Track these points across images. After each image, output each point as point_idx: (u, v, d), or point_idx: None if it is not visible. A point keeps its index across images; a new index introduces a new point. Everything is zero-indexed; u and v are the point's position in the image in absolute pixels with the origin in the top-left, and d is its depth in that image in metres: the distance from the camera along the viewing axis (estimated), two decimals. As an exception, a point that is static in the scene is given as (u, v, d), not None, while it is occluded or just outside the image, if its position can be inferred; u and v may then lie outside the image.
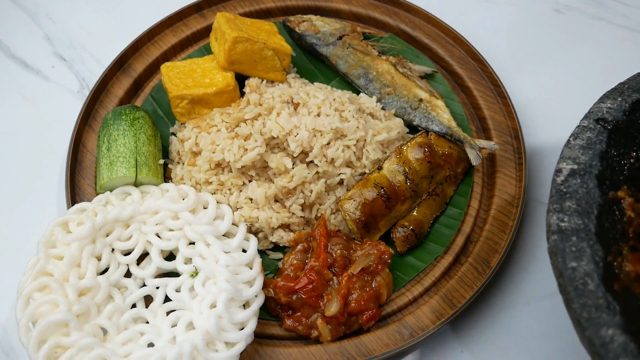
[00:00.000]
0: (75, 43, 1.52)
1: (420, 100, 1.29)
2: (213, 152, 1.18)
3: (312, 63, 1.41)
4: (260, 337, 1.09)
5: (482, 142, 1.22)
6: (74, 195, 1.22)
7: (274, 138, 1.17)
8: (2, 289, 1.18)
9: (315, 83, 1.33)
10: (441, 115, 1.26)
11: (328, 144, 1.17)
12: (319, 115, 1.19)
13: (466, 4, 1.58)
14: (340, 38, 1.38)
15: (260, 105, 1.21)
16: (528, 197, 1.26)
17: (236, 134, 1.18)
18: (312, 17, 1.42)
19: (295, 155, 1.16)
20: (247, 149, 1.16)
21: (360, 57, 1.35)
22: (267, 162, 1.17)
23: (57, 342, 0.98)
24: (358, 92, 1.34)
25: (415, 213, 1.19)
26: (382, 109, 1.30)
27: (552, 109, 1.39)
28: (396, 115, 1.30)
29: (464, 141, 1.23)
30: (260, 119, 1.19)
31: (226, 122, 1.20)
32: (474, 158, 1.21)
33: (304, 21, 1.40)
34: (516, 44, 1.50)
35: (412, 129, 1.30)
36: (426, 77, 1.36)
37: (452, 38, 1.40)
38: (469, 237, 1.19)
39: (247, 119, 1.19)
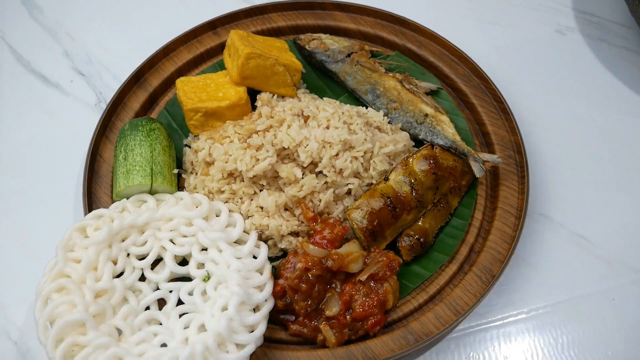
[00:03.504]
0: (93, 59, 1.57)
1: (426, 115, 1.32)
2: (226, 162, 1.21)
3: (321, 79, 1.46)
4: (269, 341, 1.12)
5: (486, 156, 1.26)
6: (91, 203, 1.25)
7: (284, 149, 1.21)
8: (19, 293, 1.21)
9: (324, 98, 1.37)
10: (446, 129, 1.30)
11: (337, 155, 1.21)
12: (328, 127, 1.23)
13: (471, 24, 1.63)
14: (348, 55, 1.42)
15: (272, 117, 1.25)
16: (530, 209, 1.30)
17: (248, 144, 1.21)
18: (322, 35, 1.46)
19: (305, 165, 1.20)
20: (258, 159, 1.20)
21: (368, 74, 1.39)
22: (277, 172, 1.21)
23: (74, 341, 1.01)
24: (366, 107, 1.37)
25: (420, 223, 1.22)
26: (389, 123, 1.33)
27: (554, 124, 1.43)
28: (402, 129, 1.33)
29: (468, 154, 1.26)
30: (272, 130, 1.22)
31: (239, 134, 1.24)
32: (477, 171, 1.25)
33: (313, 39, 1.45)
34: (519, 63, 1.54)
35: (418, 143, 1.33)
36: (431, 93, 1.40)
37: (456, 56, 1.44)
38: (472, 247, 1.22)
39: (259, 131, 1.23)
